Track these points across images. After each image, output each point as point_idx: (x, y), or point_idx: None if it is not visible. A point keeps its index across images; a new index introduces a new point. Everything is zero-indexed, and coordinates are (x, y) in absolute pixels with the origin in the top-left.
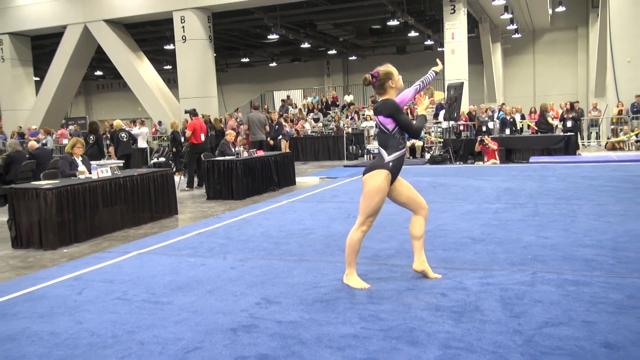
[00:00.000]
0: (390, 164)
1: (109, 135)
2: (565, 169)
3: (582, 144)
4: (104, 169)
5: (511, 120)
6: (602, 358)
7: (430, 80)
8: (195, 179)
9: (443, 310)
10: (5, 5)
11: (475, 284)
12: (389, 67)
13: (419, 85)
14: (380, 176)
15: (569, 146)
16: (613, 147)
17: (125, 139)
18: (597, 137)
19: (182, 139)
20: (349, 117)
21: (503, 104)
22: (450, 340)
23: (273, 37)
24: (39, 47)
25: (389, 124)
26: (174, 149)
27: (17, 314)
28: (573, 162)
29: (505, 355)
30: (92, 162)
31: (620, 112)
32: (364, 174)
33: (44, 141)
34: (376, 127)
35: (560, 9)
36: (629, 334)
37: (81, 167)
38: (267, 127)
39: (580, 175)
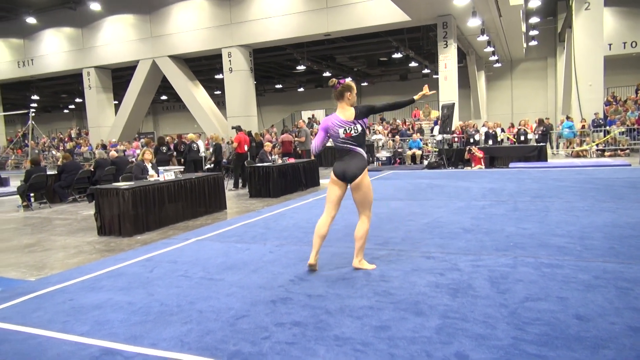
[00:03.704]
0: (367, 160)
1: (182, 145)
2: (538, 172)
3: (552, 153)
4: (168, 173)
5: (493, 133)
6: (574, 327)
7: (403, 102)
8: (240, 181)
9: (442, 287)
10: (92, 45)
11: (467, 266)
12: (352, 83)
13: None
14: (367, 173)
15: (541, 154)
16: (577, 155)
17: (195, 149)
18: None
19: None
20: None
21: (486, 120)
22: (448, 311)
23: (301, 68)
24: (118, 77)
25: (367, 122)
26: (213, 157)
27: (103, 288)
28: (545, 167)
29: (494, 324)
30: (159, 167)
31: (583, 127)
32: (355, 177)
33: (138, 151)
34: (353, 131)
35: (533, 43)
36: (596, 307)
37: (151, 172)
38: (303, 139)
39: (551, 177)
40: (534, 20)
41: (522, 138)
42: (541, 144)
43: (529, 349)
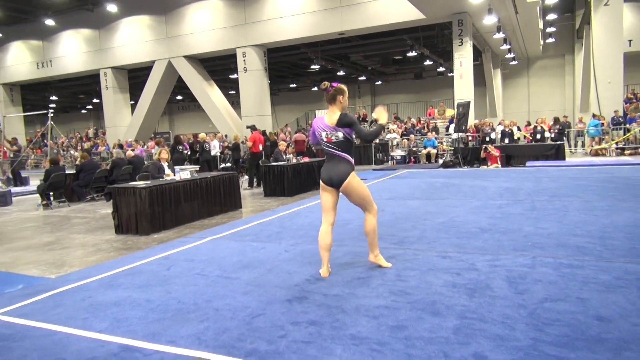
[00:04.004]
0: (353, 165)
1: (195, 145)
2: (556, 171)
3: (570, 151)
4: (184, 172)
5: (510, 131)
6: (595, 329)
7: (375, 132)
8: (254, 180)
9: (459, 287)
10: (108, 46)
11: (484, 265)
12: (344, 87)
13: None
14: (355, 174)
15: (559, 152)
16: (596, 154)
17: (207, 149)
18: (583, 145)
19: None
20: None
21: (502, 119)
22: (465, 312)
23: (315, 67)
24: (134, 77)
25: (351, 133)
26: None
27: (121, 285)
28: (563, 165)
29: (513, 325)
30: (175, 167)
31: (602, 125)
32: (342, 182)
33: (153, 150)
34: (333, 137)
35: (550, 40)
36: (617, 309)
37: (167, 171)
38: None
39: (569, 176)
40: (552, 16)
41: (539, 136)
42: (558, 142)
43: (549, 350)
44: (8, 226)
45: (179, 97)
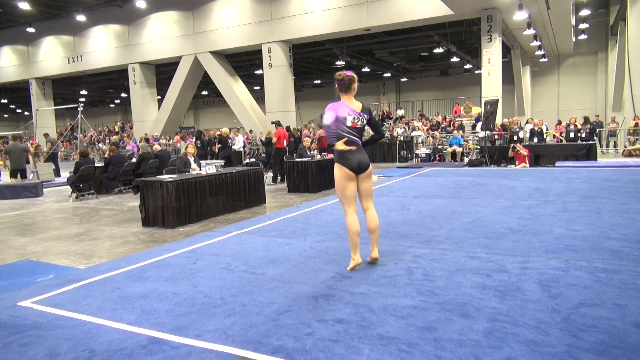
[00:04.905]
0: None
1: (218, 139)
2: (587, 172)
3: (602, 152)
4: (210, 167)
5: (539, 130)
6: (634, 337)
7: (377, 139)
8: (278, 176)
9: (489, 288)
10: (136, 41)
11: (515, 267)
12: (355, 76)
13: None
14: None
15: (590, 153)
16: (629, 154)
17: (230, 144)
18: (615, 145)
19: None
20: (401, 128)
21: (531, 117)
22: (496, 314)
23: (340, 63)
24: (161, 73)
25: (370, 121)
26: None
27: (149, 278)
28: (594, 166)
29: (547, 330)
30: (200, 161)
31: (636, 124)
32: (368, 166)
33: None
34: (359, 122)
35: (583, 36)
36: None
37: (193, 165)
38: None
39: (601, 177)
40: (585, 12)
41: (572, 135)
42: (590, 142)
43: (585, 358)
44: (40, 216)
45: (204, 92)
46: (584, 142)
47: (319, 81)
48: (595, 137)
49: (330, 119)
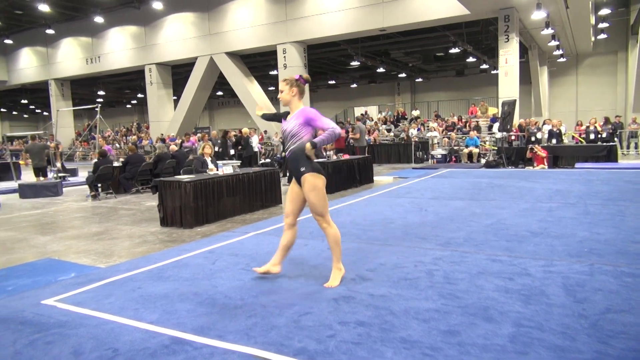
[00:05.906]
0: None
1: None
2: (608, 174)
3: (622, 153)
4: (227, 167)
5: (557, 131)
6: None
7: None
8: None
9: (512, 292)
10: (153, 42)
11: (538, 271)
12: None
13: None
14: None
15: (610, 154)
16: None
17: (251, 144)
18: (636, 147)
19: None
20: (417, 129)
21: (549, 118)
22: (521, 319)
23: (354, 63)
24: (177, 74)
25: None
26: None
27: (169, 277)
28: (615, 168)
29: (574, 336)
30: (218, 161)
31: None
32: (303, 175)
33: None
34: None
35: (602, 36)
36: None
37: (210, 165)
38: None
39: (623, 179)
40: (604, 11)
41: (593, 137)
42: (610, 143)
43: None
44: (60, 215)
45: (220, 93)
46: (605, 144)
47: (333, 82)
48: (615, 138)
49: (337, 128)
